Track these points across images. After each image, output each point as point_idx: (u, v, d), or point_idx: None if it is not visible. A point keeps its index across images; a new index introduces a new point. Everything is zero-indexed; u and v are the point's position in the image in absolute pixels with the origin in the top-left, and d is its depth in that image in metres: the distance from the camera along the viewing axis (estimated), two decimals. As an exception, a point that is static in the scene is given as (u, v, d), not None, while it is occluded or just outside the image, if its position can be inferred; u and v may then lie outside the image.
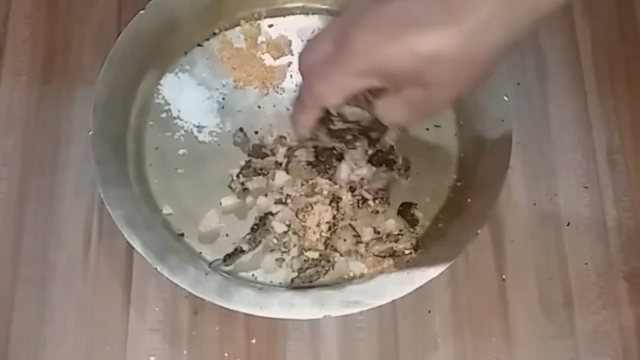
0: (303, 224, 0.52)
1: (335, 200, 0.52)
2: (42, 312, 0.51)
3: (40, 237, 0.53)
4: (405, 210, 0.53)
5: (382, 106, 0.41)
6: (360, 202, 0.53)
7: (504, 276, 0.53)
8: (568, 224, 0.55)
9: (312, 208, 0.52)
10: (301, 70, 0.42)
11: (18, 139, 0.55)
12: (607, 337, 0.52)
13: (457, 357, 0.51)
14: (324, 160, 0.53)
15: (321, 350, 0.51)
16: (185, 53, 0.57)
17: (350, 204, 0.52)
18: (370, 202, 0.53)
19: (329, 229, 0.52)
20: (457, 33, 0.37)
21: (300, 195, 0.52)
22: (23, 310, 0.51)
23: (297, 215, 0.52)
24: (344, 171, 0.52)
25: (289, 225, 0.52)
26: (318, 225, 0.52)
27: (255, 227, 0.52)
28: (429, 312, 0.52)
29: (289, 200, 0.52)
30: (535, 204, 0.55)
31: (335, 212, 0.52)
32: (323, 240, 0.52)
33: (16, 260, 0.52)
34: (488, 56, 0.38)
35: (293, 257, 0.52)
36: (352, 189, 0.53)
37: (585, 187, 0.56)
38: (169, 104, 0.56)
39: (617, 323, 0.52)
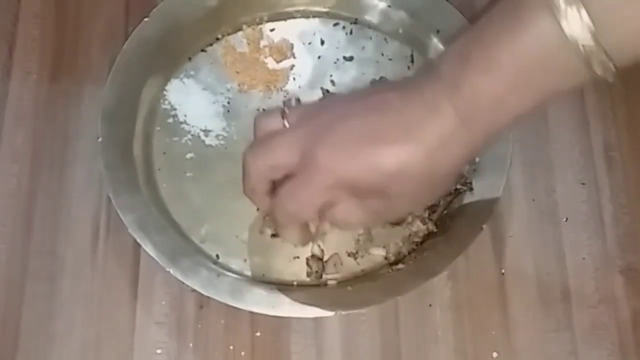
0: None
1: None
2: (51, 306, 0.52)
3: (49, 232, 0.54)
4: None
5: (342, 209, 0.43)
6: None
7: (503, 270, 0.54)
8: (566, 220, 0.55)
9: None
10: (261, 172, 0.44)
11: (27, 137, 0.56)
12: (604, 330, 0.53)
13: (457, 349, 0.52)
14: None
15: (324, 343, 0.52)
16: (190, 59, 0.58)
17: None
18: None
19: None
20: (418, 150, 0.39)
21: None
22: (32, 303, 0.52)
23: None
24: None
25: None
26: None
27: None
28: (430, 305, 0.53)
29: None
30: (533, 199, 0.56)
31: None
32: None
33: (26, 255, 0.53)
34: (448, 170, 0.40)
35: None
36: None
37: (583, 184, 0.57)
38: (175, 109, 0.57)
39: (613, 316, 0.53)
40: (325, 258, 0.53)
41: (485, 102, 0.38)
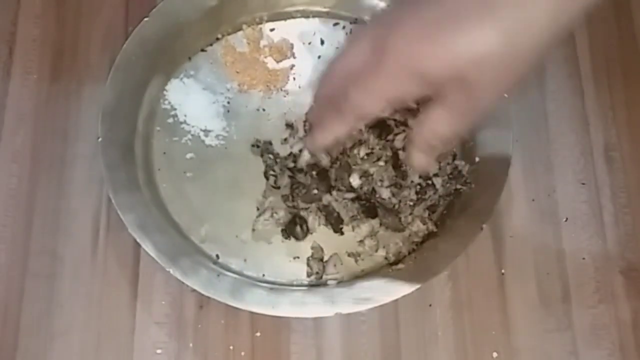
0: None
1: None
2: (51, 305, 0.52)
3: (49, 232, 0.54)
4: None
5: (427, 120, 0.40)
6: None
7: (503, 270, 0.54)
8: (566, 220, 0.55)
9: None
10: (333, 77, 0.42)
11: (27, 136, 0.56)
12: (605, 330, 0.53)
13: (457, 349, 0.52)
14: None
15: (324, 343, 0.52)
16: (190, 58, 0.58)
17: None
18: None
19: None
20: (498, 30, 0.35)
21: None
22: (32, 303, 0.52)
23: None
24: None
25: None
26: None
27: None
28: (430, 305, 0.53)
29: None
30: (534, 199, 0.56)
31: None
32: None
33: (26, 254, 0.53)
34: (532, 51, 0.36)
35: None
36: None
37: (583, 184, 0.57)
38: (175, 109, 0.57)
39: (614, 316, 0.53)
40: (325, 258, 0.53)
41: None
